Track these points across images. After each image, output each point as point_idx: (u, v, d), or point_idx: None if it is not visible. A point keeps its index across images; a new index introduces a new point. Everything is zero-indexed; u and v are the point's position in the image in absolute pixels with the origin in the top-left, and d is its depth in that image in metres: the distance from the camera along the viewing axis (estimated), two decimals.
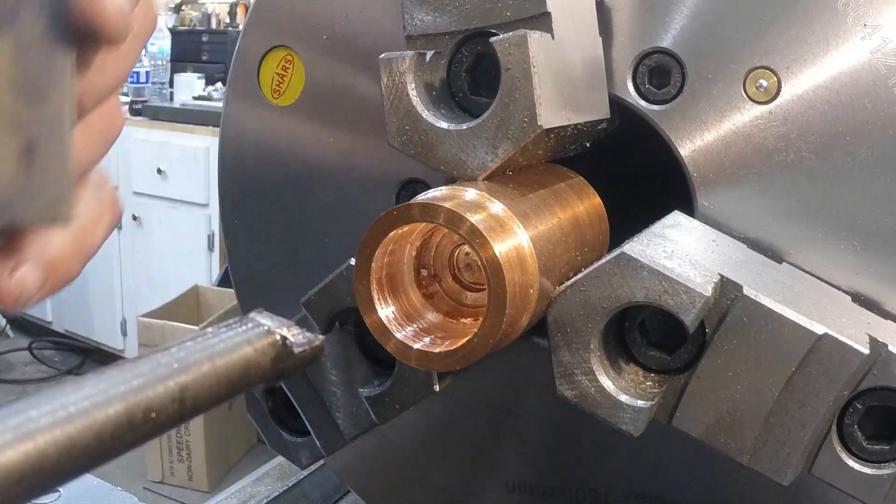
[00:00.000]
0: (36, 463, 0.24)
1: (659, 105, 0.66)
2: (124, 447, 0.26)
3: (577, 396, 0.56)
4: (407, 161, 0.60)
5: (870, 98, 0.61)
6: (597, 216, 0.64)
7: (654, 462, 0.74)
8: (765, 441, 0.55)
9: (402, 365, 0.62)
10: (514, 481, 0.80)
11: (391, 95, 0.58)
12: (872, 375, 0.54)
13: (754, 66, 0.63)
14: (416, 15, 0.58)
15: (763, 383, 0.54)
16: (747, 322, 0.54)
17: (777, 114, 0.63)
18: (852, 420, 0.56)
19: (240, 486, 1.08)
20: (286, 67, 0.79)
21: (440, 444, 0.83)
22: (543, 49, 0.55)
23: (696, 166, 0.65)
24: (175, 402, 0.28)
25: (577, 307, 0.55)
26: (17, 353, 4.76)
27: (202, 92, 4.51)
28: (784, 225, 0.64)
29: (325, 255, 0.79)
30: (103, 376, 0.27)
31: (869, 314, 0.61)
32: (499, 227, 0.50)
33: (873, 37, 0.60)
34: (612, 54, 0.67)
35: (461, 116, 0.59)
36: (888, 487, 0.55)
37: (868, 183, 0.61)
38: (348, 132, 0.77)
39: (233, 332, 0.31)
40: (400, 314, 0.54)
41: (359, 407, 0.65)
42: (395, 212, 0.50)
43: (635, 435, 0.55)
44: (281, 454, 0.75)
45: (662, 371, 0.57)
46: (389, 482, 0.87)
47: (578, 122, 0.61)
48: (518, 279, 0.50)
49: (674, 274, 0.52)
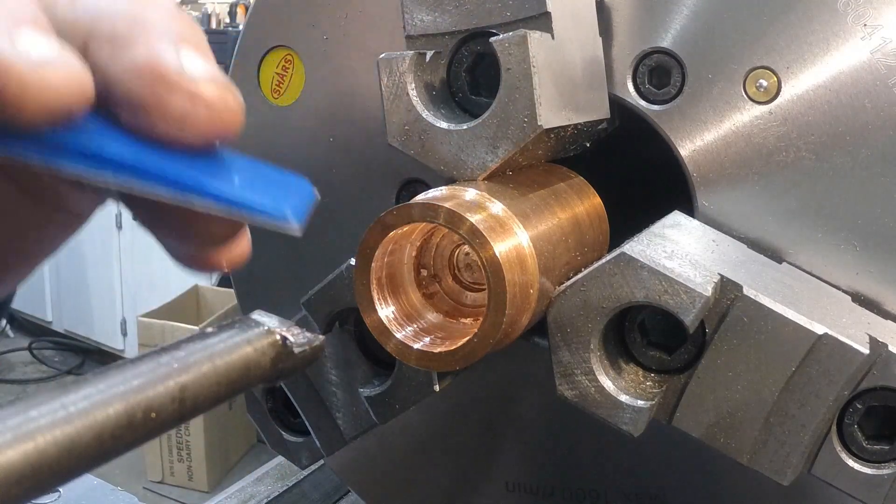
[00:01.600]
0: (36, 463, 0.24)
1: (659, 105, 0.66)
2: (124, 447, 0.26)
3: (577, 396, 0.56)
4: (407, 161, 0.60)
5: (870, 98, 0.61)
6: (597, 216, 0.64)
7: (654, 462, 0.74)
8: (765, 441, 0.55)
9: (402, 365, 0.62)
10: (514, 481, 0.80)
11: (391, 95, 0.58)
12: (872, 375, 0.55)
13: (754, 66, 0.63)
14: (416, 15, 0.58)
15: (763, 383, 0.54)
16: (747, 322, 0.54)
17: (777, 114, 0.63)
18: (852, 420, 0.56)
19: (240, 486, 1.08)
20: (286, 67, 0.79)
21: (440, 444, 0.83)
22: (543, 49, 0.55)
23: (696, 166, 0.66)
24: (175, 402, 0.28)
25: (577, 307, 0.55)
26: (17, 353, 4.76)
27: None
28: (784, 225, 0.64)
29: (325, 255, 0.79)
30: (103, 376, 0.27)
31: (869, 314, 0.61)
32: (499, 227, 0.50)
33: (873, 37, 0.60)
34: (612, 54, 0.67)
35: (461, 116, 0.59)
36: (888, 487, 0.55)
37: (868, 183, 0.61)
38: (348, 132, 0.77)
39: (233, 332, 0.31)
40: (400, 314, 0.54)
41: (359, 407, 0.65)
42: (395, 212, 0.50)
43: (635, 435, 0.55)
44: (281, 454, 0.75)
45: (662, 371, 0.57)
46: (389, 482, 0.87)
47: (578, 122, 0.61)
48: (518, 279, 0.50)
49: (674, 274, 0.52)
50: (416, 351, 0.53)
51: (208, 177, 0.32)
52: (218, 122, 0.32)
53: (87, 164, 0.31)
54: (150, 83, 0.31)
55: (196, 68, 0.31)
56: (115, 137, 0.31)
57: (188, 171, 0.32)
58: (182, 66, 0.31)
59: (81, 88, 0.29)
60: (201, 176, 0.32)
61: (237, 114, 0.32)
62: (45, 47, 0.29)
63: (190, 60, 0.31)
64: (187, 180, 0.32)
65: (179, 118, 0.31)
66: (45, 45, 0.29)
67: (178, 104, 0.31)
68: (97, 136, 0.31)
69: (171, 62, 0.31)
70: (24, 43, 0.28)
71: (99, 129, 0.31)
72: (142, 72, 0.31)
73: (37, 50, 0.28)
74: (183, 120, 0.31)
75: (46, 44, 0.29)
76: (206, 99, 0.31)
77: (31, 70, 0.28)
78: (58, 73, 0.28)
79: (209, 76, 0.31)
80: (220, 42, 5.00)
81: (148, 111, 0.31)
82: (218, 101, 0.31)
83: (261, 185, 0.34)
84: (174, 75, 0.31)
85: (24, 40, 0.28)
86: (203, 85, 0.31)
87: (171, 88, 0.31)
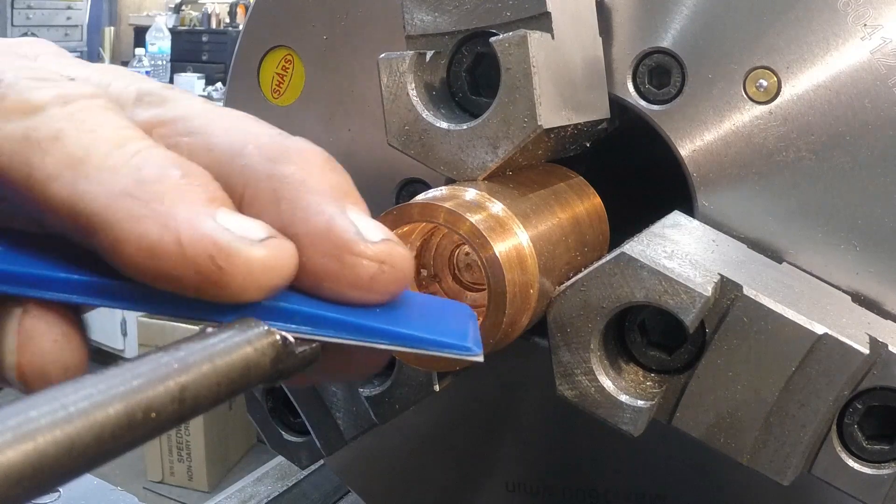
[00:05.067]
0: (36, 463, 0.24)
1: (659, 105, 0.66)
2: (124, 447, 0.26)
3: (577, 396, 0.56)
4: (407, 161, 0.60)
5: (870, 98, 0.61)
6: (597, 216, 0.64)
7: (654, 462, 0.74)
8: (765, 441, 0.55)
9: (402, 365, 0.62)
10: (514, 481, 0.80)
11: (391, 95, 0.58)
12: (872, 375, 0.55)
13: (754, 66, 0.63)
14: (416, 15, 0.58)
15: (763, 383, 0.54)
16: (747, 322, 0.54)
17: (777, 114, 0.63)
18: (852, 420, 0.56)
19: (240, 486, 1.08)
20: (286, 67, 0.79)
21: (440, 444, 0.83)
22: (543, 49, 0.55)
23: (696, 166, 0.66)
24: (175, 402, 0.28)
25: (577, 307, 0.55)
26: None
27: (202, 92, 4.53)
28: (784, 225, 0.64)
29: None
30: (103, 376, 0.27)
31: (869, 314, 0.61)
32: (499, 227, 0.50)
33: (873, 37, 0.60)
34: (612, 54, 0.67)
35: (461, 116, 0.59)
36: (888, 487, 0.55)
37: (868, 183, 0.61)
38: (348, 132, 0.77)
39: (233, 332, 0.31)
40: None
41: (359, 407, 0.65)
42: (394, 212, 0.50)
43: (635, 435, 0.55)
44: (281, 454, 0.75)
45: (662, 371, 0.57)
46: (389, 482, 0.87)
47: (578, 122, 0.61)
48: (518, 279, 0.50)
49: (674, 274, 0.52)
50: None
51: (394, 322, 0.33)
52: (401, 277, 0.32)
53: (278, 321, 0.31)
54: (327, 254, 0.31)
55: (369, 230, 0.32)
56: (302, 296, 0.32)
57: (373, 319, 0.33)
58: (359, 232, 0.31)
59: (292, 265, 0.30)
60: (388, 321, 0.33)
61: (411, 263, 0.33)
62: (253, 228, 0.29)
63: (361, 222, 0.32)
64: (377, 328, 0.32)
65: (368, 285, 0.32)
66: (252, 225, 0.30)
67: (365, 273, 0.31)
68: (289, 295, 0.32)
69: (348, 230, 0.31)
70: (228, 221, 0.29)
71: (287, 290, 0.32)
72: (313, 243, 0.31)
73: (242, 228, 0.29)
74: (371, 285, 0.32)
75: (252, 224, 0.30)
76: (388, 262, 0.32)
77: (249, 251, 0.29)
78: (275, 253, 0.29)
79: (381, 235, 0.32)
80: (220, 42, 5.00)
81: (335, 281, 0.31)
82: (398, 259, 0.32)
83: (438, 319, 0.36)
84: (355, 244, 0.31)
85: (226, 218, 0.29)
86: (383, 248, 0.32)
87: (355, 258, 0.31)
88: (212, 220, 0.29)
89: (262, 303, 0.31)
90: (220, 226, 0.29)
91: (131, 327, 4.03)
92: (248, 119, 0.35)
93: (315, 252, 0.31)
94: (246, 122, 0.35)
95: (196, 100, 0.35)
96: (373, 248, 0.31)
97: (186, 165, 0.30)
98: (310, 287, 0.32)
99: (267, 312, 0.31)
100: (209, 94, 4.49)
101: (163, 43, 5.28)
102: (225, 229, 0.29)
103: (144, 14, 6.16)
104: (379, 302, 0.32)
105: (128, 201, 0.28)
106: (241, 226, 0.29)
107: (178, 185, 0.29)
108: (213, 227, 0.28)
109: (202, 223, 0.28)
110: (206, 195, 0.29)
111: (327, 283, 0.31)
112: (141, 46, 5.45)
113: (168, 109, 0.34)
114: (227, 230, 0.29)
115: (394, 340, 0.33)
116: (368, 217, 0.33)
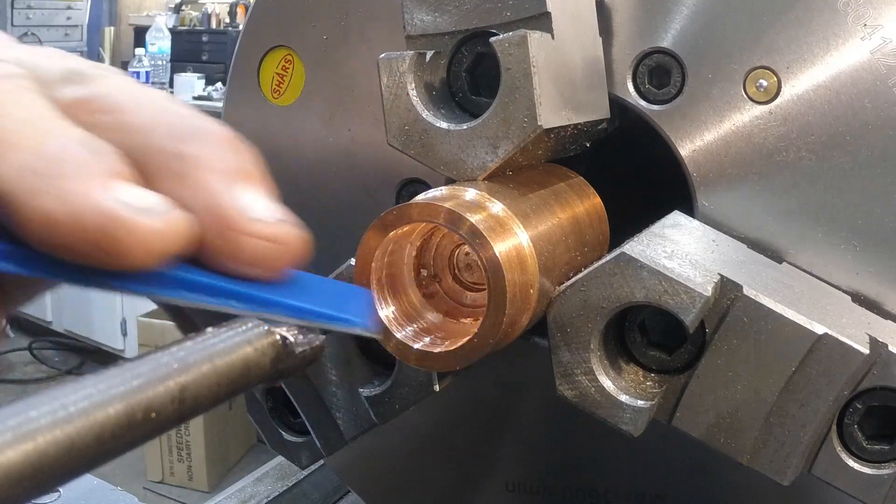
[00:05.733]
0: (36, 463, 0.24)
1: (659, 105, 0.66)
2: (124, 447, 0.26)
3: (577, 396, 0.56)
4: (407, 161, 0.60)
5: (870, 98, 0.61)
6: (597, 216, 0.64)
7: (654, 462, 0.74)
8: (765, 441, 0.55)
9: (402, 365, 0.62)
10: (515, 481, 0.80)
11: (391, 95, 0.58)
12: (872, 375, 0.55)
13: (754, 66, 0.63)
14: (416, 15, 0.58)
15: (763, 383, 0.54)
16: (747, 322, 0.54)
17: (777, 114, 0.63)
18: (852, 420, 0.56)
19: (240, 486, 1.08)
20: (286, 67, 0.79)
21: (440, 444, 0.83)
22: (543, 49, 0.55)
23: (696, 166, 0.66)
24: (175, 402, 0.28)
25: (577, 307, 0.55)
26: (17, 352, 4.76)
27: (202, 92, 4.52)
28: (784, 225, 0.64)
29: (325, 256, 0.79)
30: (103, 376, 0.27)
31: (869, 314, 0.61)
32: (499, 227, 0.50)
33: (873, 37, 0.60)
34: (612, 54, 0.67)
35: (461, 116, 0.58)
36: (888, 487, 0.55)
37: (868, 183, 0.61)
38: (348, 132, 0.77)
39: (233, 332, 0.31)
40: (400, 314, 0.54)
41: (359, 407, 0.65)
42: (395, 212, 0.50)
43: (635, 435, 0.55)
44: (281, 454, 0.75)
45: (662, 371, 0.57)
46: (389, 482, 0.87)
47: (578, 122, 0.61)
48: (518, 279, 0.50)
49: (674, 274, 0.52)
50: (415, 351, 0.53)
51: (289, 295, 0.34)
52: (287, 254, 0.34)
53: (173, 293, 0.33)
54: (216, 230, 0.33)
55: (258, 209, 0.33)
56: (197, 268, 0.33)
57: (267, 292, 0.34)
58: (244, 210, 0.33)
59: (184, 235, 0.31)
60: (282, 295, 0.34)
61: (302, 242, 0.34)
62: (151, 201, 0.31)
63: (252, 201, 0.34)
64: (270, 301, 0.34)
65: (252, 260, 0.33)
66: (150, 198, 0.31)
67: (249, 248, 0.33)
68: (182, 267, 0.33)
69: (232, 207, 0.33)
70: (123, 194, 0.30)
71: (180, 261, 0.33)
72: (205, 220, 0.33)
73: (137, 200, 0.31)
74: (255, 260, 0.33)
75: (150, 198, 0.31)
76: (273, 239, 0.33)
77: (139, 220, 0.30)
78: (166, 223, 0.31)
79: (272, 213, 0.34)
80: (219, 42, 4.99)
81: (224, 255, 0.33)
82: (283, 236, 0.34)
83: (336, 297, 0.37)
84: (237, 221, 0.33)
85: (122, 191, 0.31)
86: (269, 225, 0.33)
87: (238, 234, 0.33)
88: (106, 193, 0.30)
89: (165, 272, 0.32)
90: (115, 197, 0.30)
91: (131, 327, 4.03)
92: (165, 100, 0.36)
93: (207, 228, 0.33)
94: (163, 102, 0.36)
95: (121, 79, 0.37)
96: (257, 226, 0.33)
97: (93, 142, 0.32)
98: (210, 262, 0.33)
99: (167, 280, 0.32)
100: (209, 94, 4.48)
101: (163, 43, 5.28)
102: (118, 200, 0.30)
103: (144, 14, 6.16)
104: (267, 277, 0.34)
105: (30, 177, 0.30)
106: (137, 198, 0.31)
107: (79, 162, 0.30)
108: (106, 198, 0.30)
109: (96, 196, 0.30)
110: (107, 170, 0.31)
111: (219, 257, 0.33)
112: (141, 46, 5.45)
113: (91, 89, 0.35)
114: (122, 201, 0.30)
115: (289, 312, 0.34)
116: (264, 197, 0.34)
